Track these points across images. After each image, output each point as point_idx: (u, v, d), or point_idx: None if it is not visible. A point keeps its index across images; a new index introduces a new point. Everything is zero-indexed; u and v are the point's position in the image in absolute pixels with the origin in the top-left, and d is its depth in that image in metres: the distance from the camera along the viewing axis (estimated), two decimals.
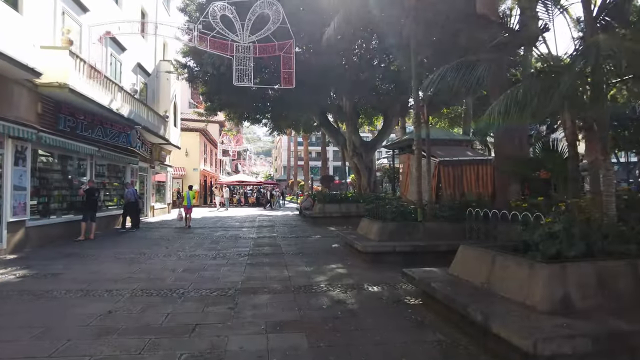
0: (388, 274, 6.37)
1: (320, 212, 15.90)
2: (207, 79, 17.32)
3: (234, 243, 10.03)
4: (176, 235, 11.54)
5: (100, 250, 8.79)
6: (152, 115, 16.28)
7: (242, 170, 61.22)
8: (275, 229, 13.36)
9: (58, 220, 10.13)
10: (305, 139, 39.66)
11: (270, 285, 5.65)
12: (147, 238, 11.02)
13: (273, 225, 14.90)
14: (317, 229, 13.46)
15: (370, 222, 8.47)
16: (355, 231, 9.52)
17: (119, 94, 12.19)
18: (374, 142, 20.22)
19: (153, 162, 18.20)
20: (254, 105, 18.96)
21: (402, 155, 14.80)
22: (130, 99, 13.46)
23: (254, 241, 10.39)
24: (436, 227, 8.06)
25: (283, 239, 10.76)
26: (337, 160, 60.62)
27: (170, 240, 10.45)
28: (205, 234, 12.02)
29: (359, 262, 7.41)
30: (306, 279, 6.11)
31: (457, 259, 4.78)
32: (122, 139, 12.71)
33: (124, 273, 6.43)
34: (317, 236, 11.41)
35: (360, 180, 19.56)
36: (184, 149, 29.09)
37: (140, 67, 16.43)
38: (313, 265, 7.13)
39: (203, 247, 9.25)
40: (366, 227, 8.65)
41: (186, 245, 9.63)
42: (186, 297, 5.08)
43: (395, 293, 5.35)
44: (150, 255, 8.14)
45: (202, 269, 6.81)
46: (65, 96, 9.24)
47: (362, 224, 9.05)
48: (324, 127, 20.84)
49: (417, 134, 8.58)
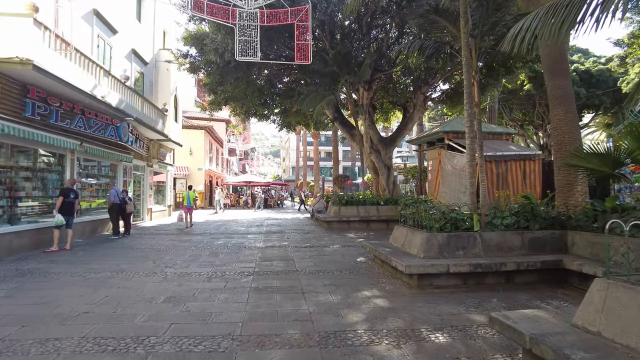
0: (447, 309, 4.54)
1: (336, 216, 14.07)
2: (210, 69, 15.70)
3: (237, 255, 8.24)
4: (170, 245, 9.79)
5: (69, 265, 7.06)
6: (149, 107, 14.63)
7: (250, 171, 59.68)
8: (285, 236, 11.55)
9: (26, 227, 8.45)
10: (315, 137, 37.86)
11: (285, 331, 3.83)
12: (135, 248, 9.29)
13: (282, 231, 13.11)
14: (334, 236, 11.62)
15: (409, 231, 6.60)
16: (386, 242, 7.66)
17: (104, 79, 10.51)
18: (393, 138, 18.32)
19: (150, 160, 16.55)
20: (260, 99, 17.22)
21: (430, 151, 12.92)
22: (121, 87, 11.80)
23: (260, 253, 8.59)
24: (497, 238, 6.18)
25: (296, 250, 8.94)
26: (347, 161, 58.77)
27: (160, 252, 8.70)
28: (204, 242, 10.25)
29: (401, 288, 5.55)
30: (334, 317, 4.27)
31: (594, 300, 2.90)
32: (110, 132, 11.04)
33: (82, 305, 4.67)
34: (335, 246, 9.58)
35: (377, 179, 17.68)
36: (187, 148, 27.56)
37: (135, 55, 14.79)
38: (340, 292, 5.29)
39: (198, 262, 7.47)
40: (403, 237, 6.79)
41: (179, 258, 7.86)
42: (156, 354, 3.30)
43: (476, 348, 3.49)
44: (129, 274, 6.38)
45: (190, 298, 5.02)
46: (31, 76, 7.56)
47: (396, 234, 7.18)
48: (338, 122, 18.99)
49: (471, 120, 6.67)
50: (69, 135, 9.53)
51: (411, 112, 18.48)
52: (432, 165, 12.61)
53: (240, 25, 8.36)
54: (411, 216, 6.78)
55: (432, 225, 6.09)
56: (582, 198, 7.87)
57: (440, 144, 12.08)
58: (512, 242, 6.19)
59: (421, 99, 17.33)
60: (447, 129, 11.62)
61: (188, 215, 14.17)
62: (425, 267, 5.40)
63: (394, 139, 18.24)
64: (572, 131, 8.25)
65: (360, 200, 14.53)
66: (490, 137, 12.03)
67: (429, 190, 13.39)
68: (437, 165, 12.05)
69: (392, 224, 14.59)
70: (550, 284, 5.71)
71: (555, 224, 6.50)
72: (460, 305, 4.73)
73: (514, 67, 16.75)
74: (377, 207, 14.37)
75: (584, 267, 5.28)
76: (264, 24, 8.53)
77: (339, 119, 19.01)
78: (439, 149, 12.07)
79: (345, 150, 60.54)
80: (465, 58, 6.79)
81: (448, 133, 11.59)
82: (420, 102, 17.37)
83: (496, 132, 11.99)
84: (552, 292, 5.36)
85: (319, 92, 14.22)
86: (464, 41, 6.79)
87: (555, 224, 6.51)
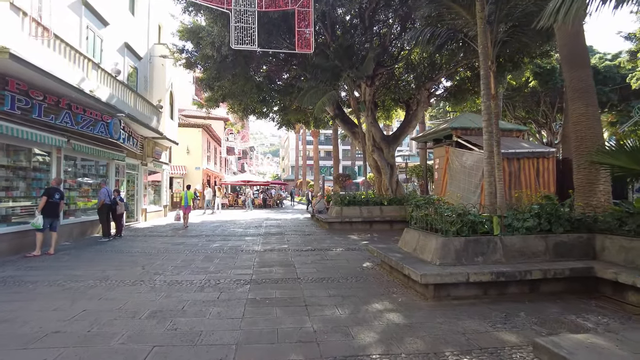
0: (471, 325, 3.98)
1: (337, 217, 13.49)
2: (207, 64, 15.12)
3: (233, 260, 7.65)
4: (162, 248, 9.20)
5: (49, 272, 6.46)
6: (143, 103, 14.02)
7: (249, 170, 59.07)
8: (285, 238, 10.97)
9: (5, 230, 7.85)
10: (315, 135, 37.26)
11: (286, 357, 3.25)
12: (125, 251, 8.70)
13: (282, 232, 12.52)
14: (337, 238, 11.04)
15: (422, 235, 6.02)
16: (394, 245, 7.09)
17: (93, 71, 9.91)
18: (396, 136, 17.74)
19: (145, 158, 15.95)
20: (259, 95, 16.62)
21: (437, 149, 12.35)
22: (112, 81, 11.19)
23: (259, 257, 8.01)
24: (519, 243, 5.61)
25: (296, 254, 8.36)
26: (347, 160, 58.16)
27: (151, 256, 8.11)
28: (199, 245, 9.67)
29: (416, 299, 4.97)
30: (343, 337, 3.69)
31: None
32: (99, 129, 10.43)
33: (54, 322, 4.08)
34: (338, 249, 9.00)
35: (380, 179, 17.11)
36: (185, 146, 26.96)
37: (128, 49, 14.17)
38: (347, 305, 4.71)
39: (191, 268, 6.89)
40: (415, 242, 6.21)
41: (170, 263, 7.28)
42: None
43: None
44: (113, 282, 5.79)
45: (178, 312, 4.44)
46: (8, 65, 6.95)
47: (407, 237, 6.60)
48: (339, 119, 18.42)
49: (488, 113, 6.09)
50: (54, 131, 8.92)
51: (415, 109, 17.93)
52: (439, 164, 12.04)
53: (237, 11, 7.76)
54: (423, 218, 6.20)
55: (447, 229, 5.52)
56: (605, 198, 7.29)
57: (448, 141, 11.51)
58: (536, 247, 5.62)
59: (425, 95, 16.78)
60: (456, 125, 11.05)
61: (186, 215, 14.25)
62: (443, 277, 4.82)
63: (397, 136, 17.66)
64: (593, 126, 7.67)
65: (363, 200, 13.95)
66: (500, 134, 11.45)
67: (435, 190, 12.83)
68: (445, 163, 11.49)
69: (397, 225, 14.08)
70: (579, 294, 5.14)
71: (581, 227, 5.93)
72: (484, 320, 4.16)
73: (521, 62, 16.24)
74: (380, 208, 13.81)
75: (620, 275, 4.71)
76: (262, 9, 7.92)
77: (340, 117, 18.44)
78: (446, 146, 11.49)
79: (344, 149, 60.00)
80: (482, 46, 6.22)
81: (456, 129, 11.01)
82: (425, 98, 16.81)
83: (507, 129, 11.42)
84: (584, 304, 4.79)
85: (320, 88, 13.64)
86: (481, 27, 6.22)
87: (581, 226, 5.94)
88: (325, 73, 13.49)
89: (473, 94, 19.25)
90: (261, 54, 15.98)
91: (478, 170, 10.15)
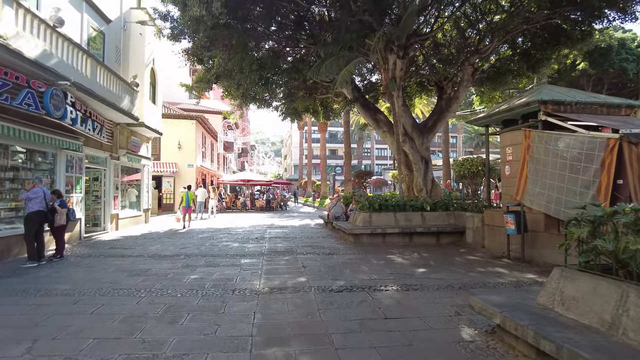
0: None
1: (365, 226, 10.07)
2: (196, 35, 11.83)
3: (215, 319, 4.22)
4: (109, 283, 5.77)
5: None
6: (107, 75, 10.63)
7: (250, 169, 55.71)
8: (299, 262, 7.55)
9: None
10: (322, 130, 33.88)
11: None
12: (43, 291, 5.27)
13: (293, 250, 9.11)
14: (373, 260, 7.61)
15: (625, 293, 2.59)
16: (532, 303, 3.68)
17: (7, 9, 6.51)
18: (433, 123, 14.34)
19: (117, 150, 12.55)
20: (261, 75, 13.19)
21: (508, 133, 8.94)
22: (51, 34, 7.81)
23: (261, 311, 4.56)
24: None
25: (326, 302, 4.92)
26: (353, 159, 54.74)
27: (80, 304, 4.69)
28: (169, 276, 6.26)
29: None
30: None
31: None
32: (23, 100, 7.03)
33: None
34: (392, 287, 5.56)
35: (411, 176, 13.70)
36: (175, 140, 23.63)
37: (90, 5, 10.79)
38: None
39: (130, 343, 3.46)
40: (605, 305, 2.78)
41: (100, 325, 3.85)
42: None
43: None
44: None
45: None
46: None
47: (573, 291, 3.12)
48: (359, 103, 15.00)
49: None
50: None
51: (451, 92, 14.54)
52: (512, 155, 8.62)
53: None
54: (629, 255, 2.77)
55: None
56: None
57: (527, 123, 8.10)
58: None
59: (469, 72, 13.38)
60: (546, 97, 7.65)
61: (187, 216, 14.08)
62: None
63: (433, 124, 14.26)
64: None
65: (399, 204, 10.51)
66: (602, 111, 8.05)
67: (503, 190, 9.41)
68: (523, 153, 8.08)
69: (445, 238, 10.41)
70: None
71: None
72: None
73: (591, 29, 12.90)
74: (422, 214, 10.39)
75: None
76: None
77: (360, 100, 15.01)
78: (525, 129, 8.08)
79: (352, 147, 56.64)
80: None
81: (546, 104, 7.59)
82: (468, 75, 13.43)
83: (613, 104, 8.02)
84: None
85: (341, 55, 10.22)
86: None
87: None
88: (348, 34, 10.08)
89: (515, 76, 15.92)
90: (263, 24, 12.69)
91: (591, 161, 6.75)
